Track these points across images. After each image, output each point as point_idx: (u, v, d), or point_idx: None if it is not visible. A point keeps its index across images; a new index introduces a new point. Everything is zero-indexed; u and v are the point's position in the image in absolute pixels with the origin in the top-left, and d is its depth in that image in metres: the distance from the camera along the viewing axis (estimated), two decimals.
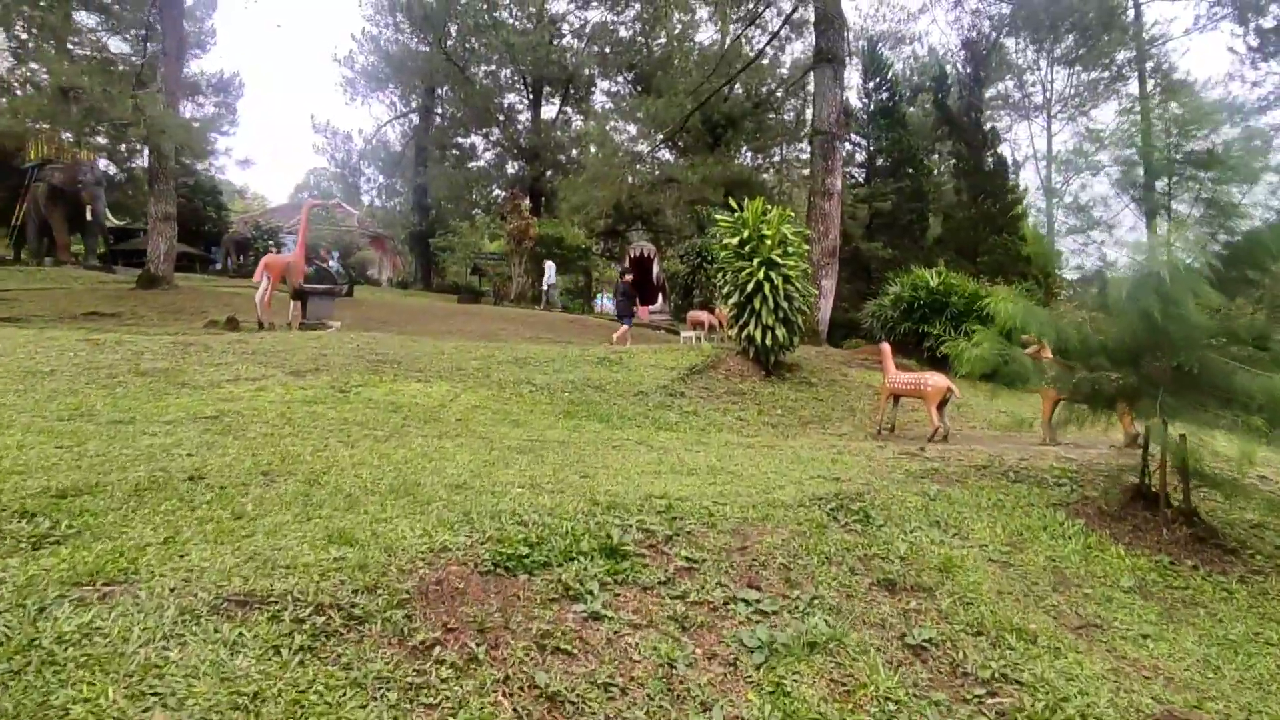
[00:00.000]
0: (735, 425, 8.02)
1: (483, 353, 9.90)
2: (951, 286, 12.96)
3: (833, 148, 15.05)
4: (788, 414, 9.29)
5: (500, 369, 8.95)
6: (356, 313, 16.88)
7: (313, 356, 8.22)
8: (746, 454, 5.99)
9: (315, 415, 5.93)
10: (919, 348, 13.16)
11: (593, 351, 10.91)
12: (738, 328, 10.52)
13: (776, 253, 10.33)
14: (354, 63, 39.69)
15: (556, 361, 9.84)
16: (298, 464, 4.33)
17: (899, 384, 8.37)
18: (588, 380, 8.93)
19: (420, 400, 7.01)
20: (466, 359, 9.27)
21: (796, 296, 10.34)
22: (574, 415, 7.34)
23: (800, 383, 10.59)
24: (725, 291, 10.66)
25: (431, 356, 9.09)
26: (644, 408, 7.99)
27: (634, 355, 10.73)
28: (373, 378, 7.65)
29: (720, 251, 10.91)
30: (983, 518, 4.70)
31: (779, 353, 10.50)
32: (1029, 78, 44.25)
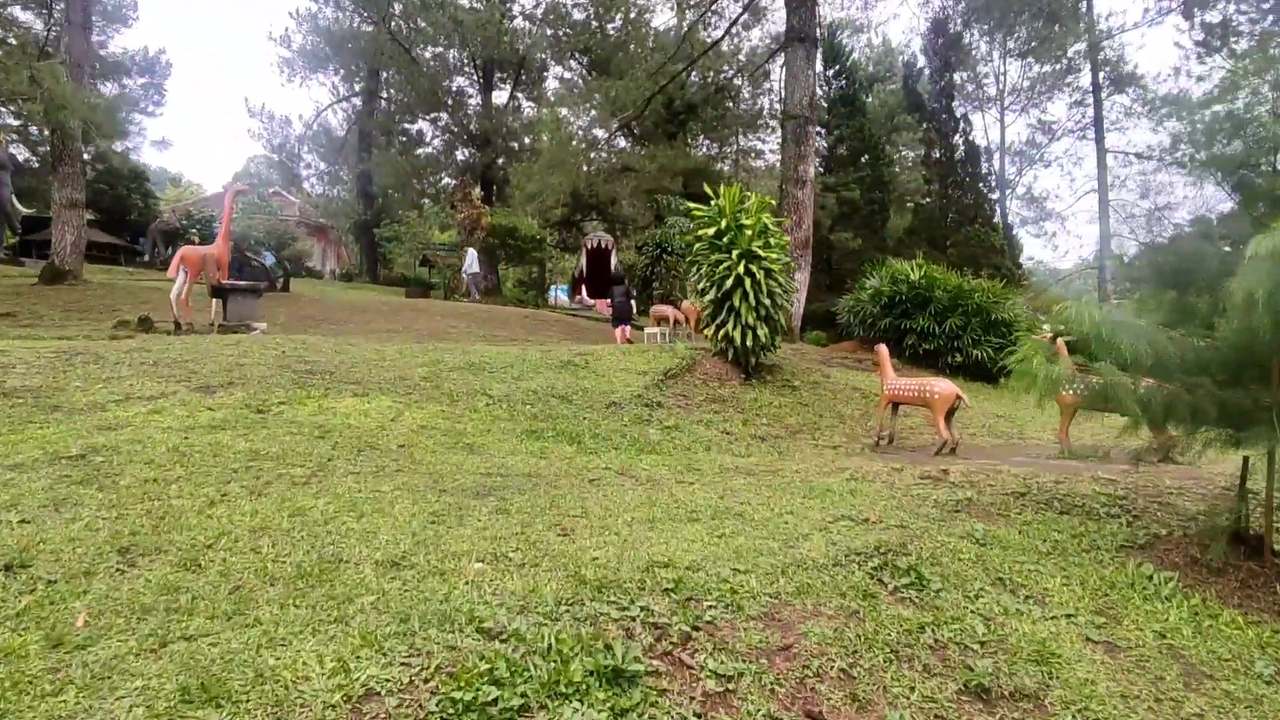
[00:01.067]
0: (722, 442, 7.08)
1: (431, 357, 8.76)
2: (934, 280, 12.27)
3: (805, 133, 14.22)
4: (774, 423, 8.40)
5: (451, 377, 7.83)
6: (290, 310, 15.44)
7: (227, 367, 6.98)
8: (748, 484, 5.05)
9: (218, 448, 4.76)
10: (900, 345, 12.43)
11: (555, 353, 9.85)
12: (714, 327, 9.59)
13: (757, 244, 9.42)
14: (291, 42, 37.47)
15: (515, 366, 8.76)
16: (175, 532, 3.22)
17: (900, 391, 7.54)
18: (552, 389, 7.88)
19: (355, 421, 5.87)
20: (412, 365, 8.12)
21: (779, 292, 9.46)
22: (539, 434, 6.29)
23: (783, 386, 9.72)
24: (701, 287, 9.72)
25: (371, 364, 7.92)
26: (619, 423, 6.99)
27: (601, 358, 9.71)
28: (299, 393, 6.46)
29: (694, 244, 9.94)
30: (1050, 569, 3.85)
31: (760, 354, 9.61)
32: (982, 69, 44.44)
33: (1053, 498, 5.08)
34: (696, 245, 9.94)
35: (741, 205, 9.77)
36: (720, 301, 9.45)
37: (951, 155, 22.66)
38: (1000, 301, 12.04)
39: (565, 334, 17.30)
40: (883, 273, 13.07)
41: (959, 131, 23.44)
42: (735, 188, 9.88)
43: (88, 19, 15.72)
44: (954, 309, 11.83)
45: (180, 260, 10.67)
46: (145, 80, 36.96)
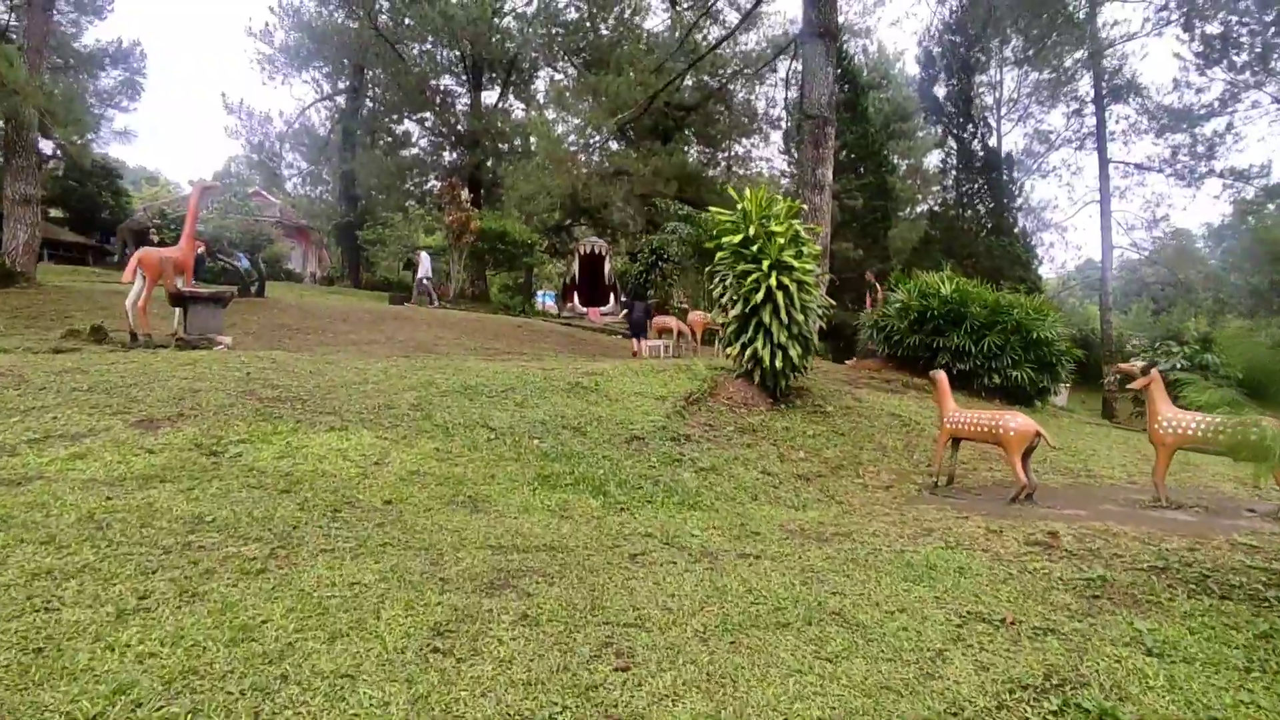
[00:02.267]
0: (766, 486, 6.04)
1: (420, 377, 7.67)
2: (968, 294, 11.35)
3: (825, 134, 13.27)
4: (812, 456, 7.38)
5: (445, 404, 6.75)
6: (264, 317, 14.25)
7: (178, 394, 5.86)
8: (827, 559, 4.02)
9: (149, 513, 3.67)
10: (931, 364, 11.45)
11: (560, 373, 8.79)
12: (739, 345, 8.57)
13: (789, 253, 8.43)
14: (273, 37, 36.13)
15: (517, 389, 7.69)
16: (48, 685, 2.13)
17: (964, 424, 6.54)
18: (562, 418, 6.82)
19: (330, 467, 4.78)
20: (399, 389, 7.03)
21: (813, 308, 8.47)
22: (554, 481, 5.23)
23: (814, 412, 8.72)
24: (724, 301, 8.68)
25: (351, 387, 6.81)
26: (645, 463, 5.93)
27: (612, 379, 8.65)
28: (262, 427, 5.36)
29: (718, 252, 8.92)
30: (1262, 696, 2.86)
31: (791, 376, 8.60)
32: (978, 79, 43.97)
33: (1200, 574, 4.10)
34: (719, 254, 8.92)
35: (768, 209, 8.77)
36: (746, 317, 8.44)
37: (969, 161, 21.79)
38: (1041, 318, 11.13)
39: (563, 346, 16.23)
40: (909, 286, 12.13)
41: (977, 137, 22.59)
42: (761, 190, 8.88)
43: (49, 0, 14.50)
44: (991, 326, 10.89)
45: (137, 263, 9.50)
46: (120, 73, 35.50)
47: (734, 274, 8.56)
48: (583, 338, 19.08)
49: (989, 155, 22.34)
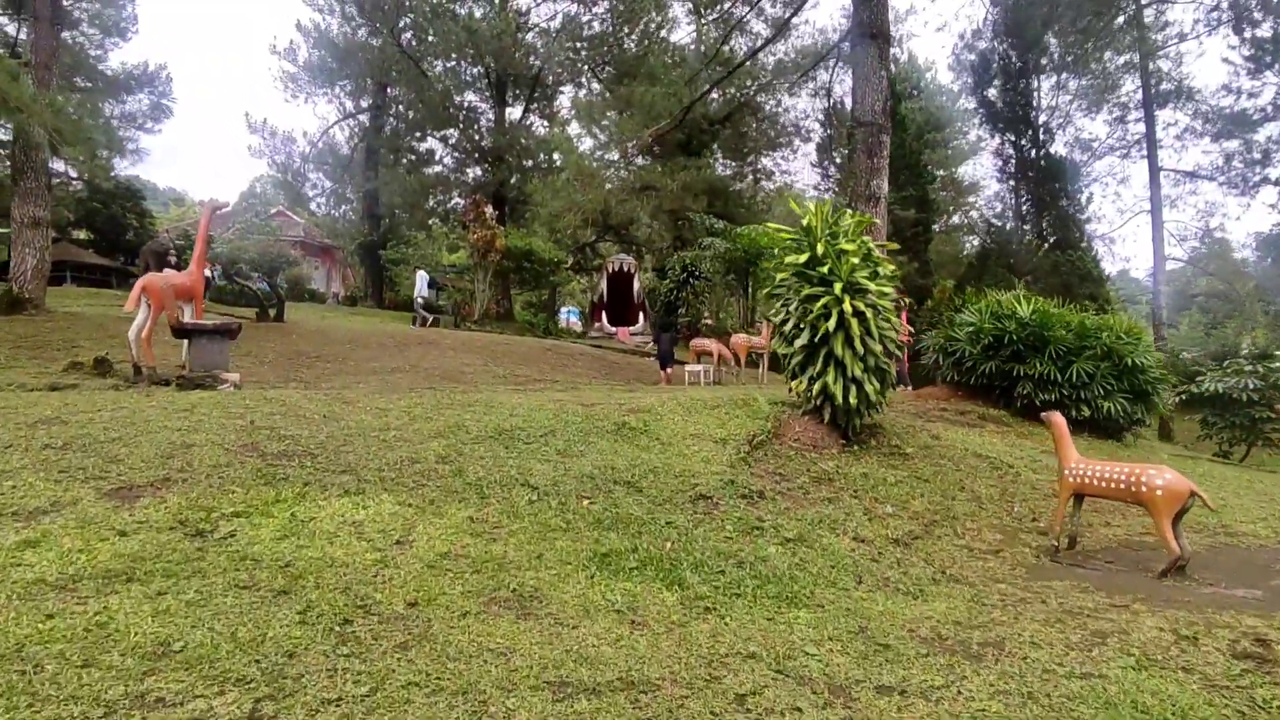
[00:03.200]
0: (865, 559, 5.01)
1: (448, 419, 6.77)
2: (1050, 316, 10.22)
3: (880, 142, 12.28)
4: (901, 510, 6.35)
5: (477, 454, 5.82)
6: (282, 344, 13.49)
7: (168, 450, 4.98)
8: (998, 698, 3.00)
9: (101, 639, 2.77)
10: (1009, 394, 10.37)
11: (601, 410, 7.84)
12: (805, 379, 7.56)
13: (862, 274, 7.44)
14: (296, 55, 35.97)
15: (557, 432, 6.75)
16: None
17: (1094, 479, 5.48)
18: (612, 470, 5.85)
19: (342, 551, 3.86)
20: (424, 435, 6.12)
21: (891, 336, 7.46)
22: (617, 564, 4.25)
23: (890, 453, 7.68)
24: (787, 329, 7.69)
25: (370, 435, 5.91)
26: (720, 534, 4.94)
27: (661, 417, 7.69)
28: (264, 493, 4.46)
29: (776, 273, 7.95)
30: None
31: (866, 414, 7.58)
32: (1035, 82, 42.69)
33: None
34: (780, 276, 7.95)
35: (834, 224, 7.79)
36: (814, 347, 7.44)
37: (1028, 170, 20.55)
38: (1134, 342, 9.98)
39: (596, 372, 15.32)
40: (980, 306, 11.03)
41: (1037, 144, 21.34)
42: (826, 204, 7.91)
43: (58, 14, 13.99)
44: (1079, 352, 9.75)
45: (141, 291, 8.73)
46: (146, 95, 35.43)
47: (799, 298, 7.57)
48: (615, 360, 18.16)
49: (1050, 162, 21.05)
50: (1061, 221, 19.14)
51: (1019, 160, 21.03)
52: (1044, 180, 20.24)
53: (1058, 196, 20.06)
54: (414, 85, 33.30)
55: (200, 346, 8.12)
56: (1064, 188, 20.30)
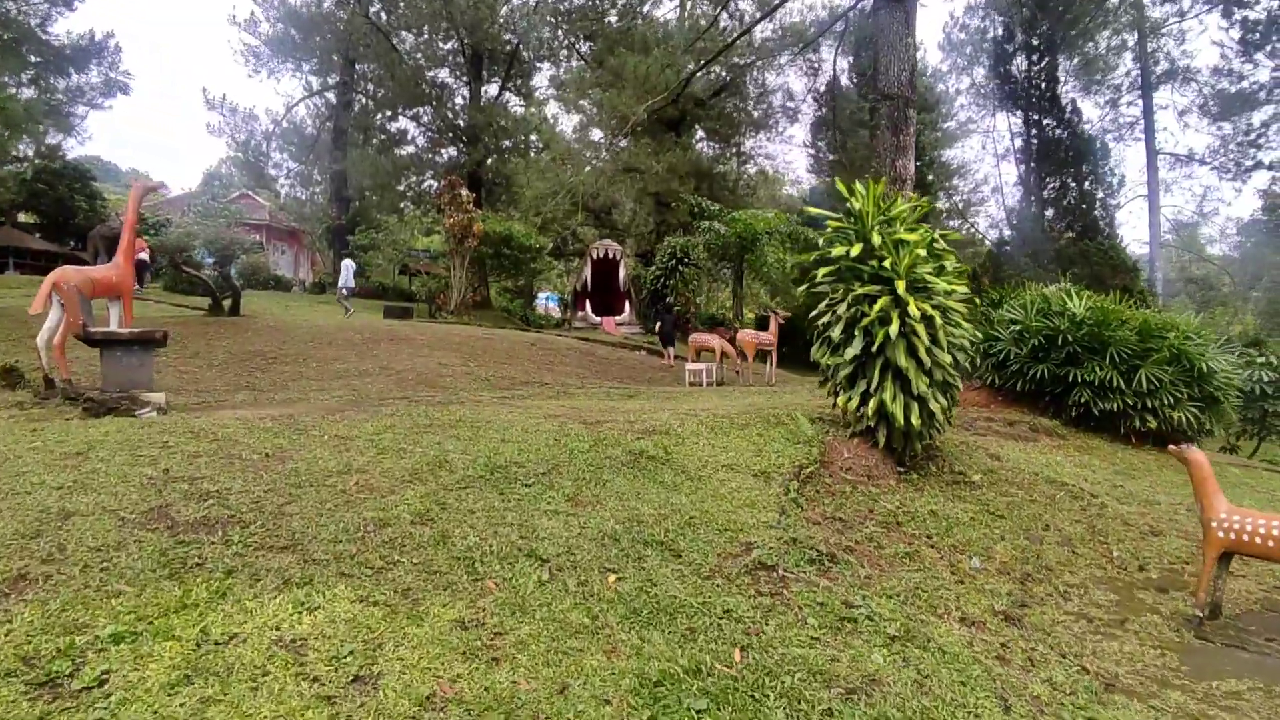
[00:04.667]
0: (987, 655, 3.79)
1: (426, 452, 5.44)
2: (1109, 314, 9.06)
3: (905, 117, 11.06)
4: (985, 560, 5.17)
5: (464, 505, 4.51)
6: (235, 344, 11.99)
7: (35, 523, 3.61)
8: None
9: None
10: (1059, 401, 9.23)
11: (609, 428, 6.55)
12: (857, 395, 6.32)
13: (925, 269, 6.21)
14: (257, 28, 33.82)
15: (562, 465, 5.46)
16: None
17: (1260, 537, 4.31)
18: (639, 523, 4.57)
19: (269, 709, 2.54)
20: (397, 480, 4.79)
21: (965, 345, 6.25)
22: (671, 696, 2.97)
23: (954, 482, 6.49)
24: (835, 335, 6.42)
25: (324, 485, 4.56)
26: (801, 629, 3.67)
27: (683, 441, 6.42)
28: (163, 595, 3.12)
29: (819, 267, 6.68)
30: None
31: (930, 436, 6.38)
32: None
33: None
34: (821, 271, 6.68)
35: (888, 209, 6.54)
36: (868, 358, 6.20)
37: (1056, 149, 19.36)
38: (1203, 343, 8.88)
39: (587, 370, 13.99)
40: (1024, 301, 9.86)
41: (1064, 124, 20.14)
42: (880, 183, 6.64)
43: None
44: (1145, 355, 8.62)
45: (51, 287, 7.22)
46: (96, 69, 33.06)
47: (848, 298, 6.31)
48: (604, 356, 16.82)
49: (1077, 144, 19.85)
50: (1088, 206, 18.03)
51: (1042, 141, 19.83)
52: (1069, 162, 19.12)
53: (1084, 179, 18.96)
54: (384, 60, 31.43)
55: (114, 361, 6.62)
56: (1093, 169, 19.19)
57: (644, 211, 32.73)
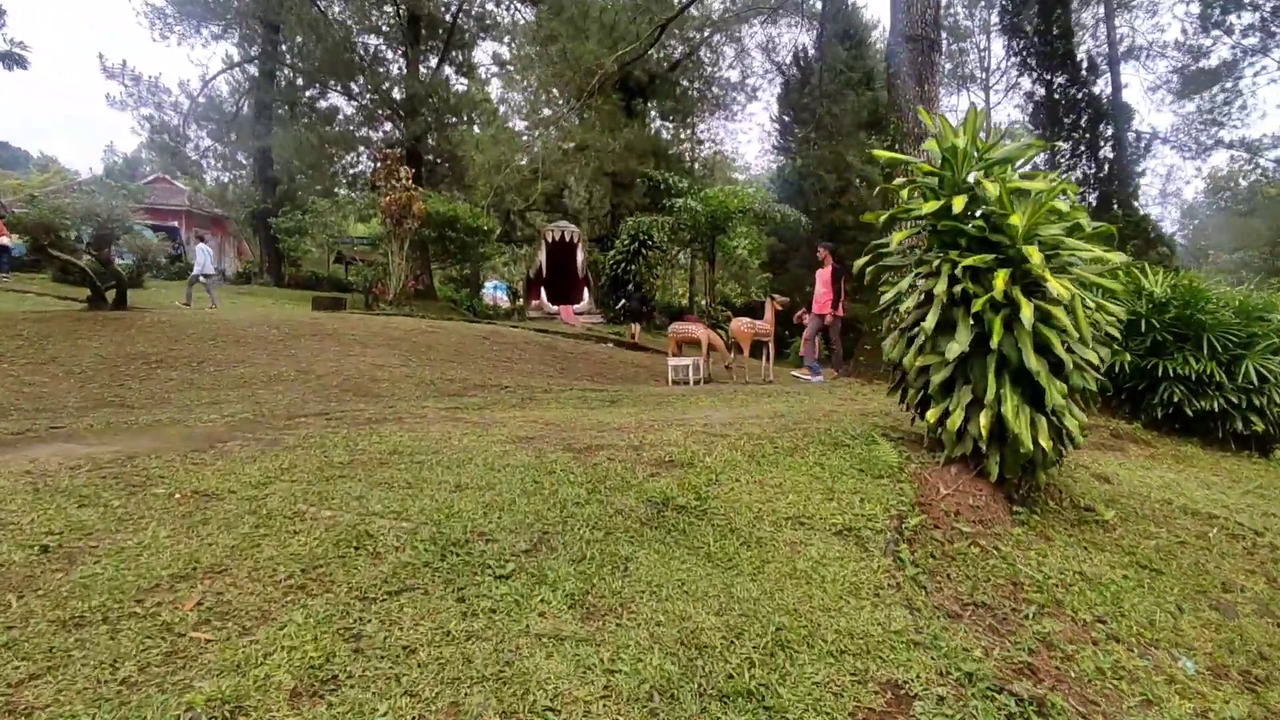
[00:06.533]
0: None
1: (336, 523, 3.47)
2: (1200, 295, 7.49)
3: (931, 63, 9.34)
4: (1186, 654, 3.45)
5: (393, 634, 2.55)
6: (110, 345, 9.61)
7: None
8: None
9: None
10: (1138, 400, 7.65)
11: (607, 456, 4.64)
12: (958, 408, 4.51)
13: (1055, 230, 4.45)
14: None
15: (552, 530, 3.56)
16: None
17: None
18: (697, 652, 2.71)
19: None
20: (273, 592, 2.78)
21: (1115, 331, 4.52)
22: None
23: (1081, 522, 4.79)
24: (926, 324, 4.58)
25: (134, 614, 2.52)
26: None
27: (717, 476, 4.54)
28: None
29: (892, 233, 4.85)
30: None
31: (1057, 462, 4.65)
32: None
33: None
34: (896, 237, 4.86)
35: (990, 151, 4.74)
36: (976, 355, 4.40)
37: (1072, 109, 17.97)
38: None
39: (552, 368, 11.99)
40: None
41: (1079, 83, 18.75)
42: (980, 112, 4.84)
43: None
44: (1249, 343, 7.11)
45: None
46: None
47: (949, 272, 4.48)
48: (568, 351, 14.79)
49: (1096, 106, 18.46)
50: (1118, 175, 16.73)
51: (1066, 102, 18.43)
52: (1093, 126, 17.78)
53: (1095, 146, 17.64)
54: (308, 25, 28.44)
55: None
56: (1118, 134, 17.89)
57: (600, 193, 30.64)
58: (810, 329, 11.81)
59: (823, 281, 11.75)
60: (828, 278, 11.69)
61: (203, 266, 17.19)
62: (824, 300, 11.66)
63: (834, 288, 11.61)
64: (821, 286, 11.77)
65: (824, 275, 11.73)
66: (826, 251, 11.74)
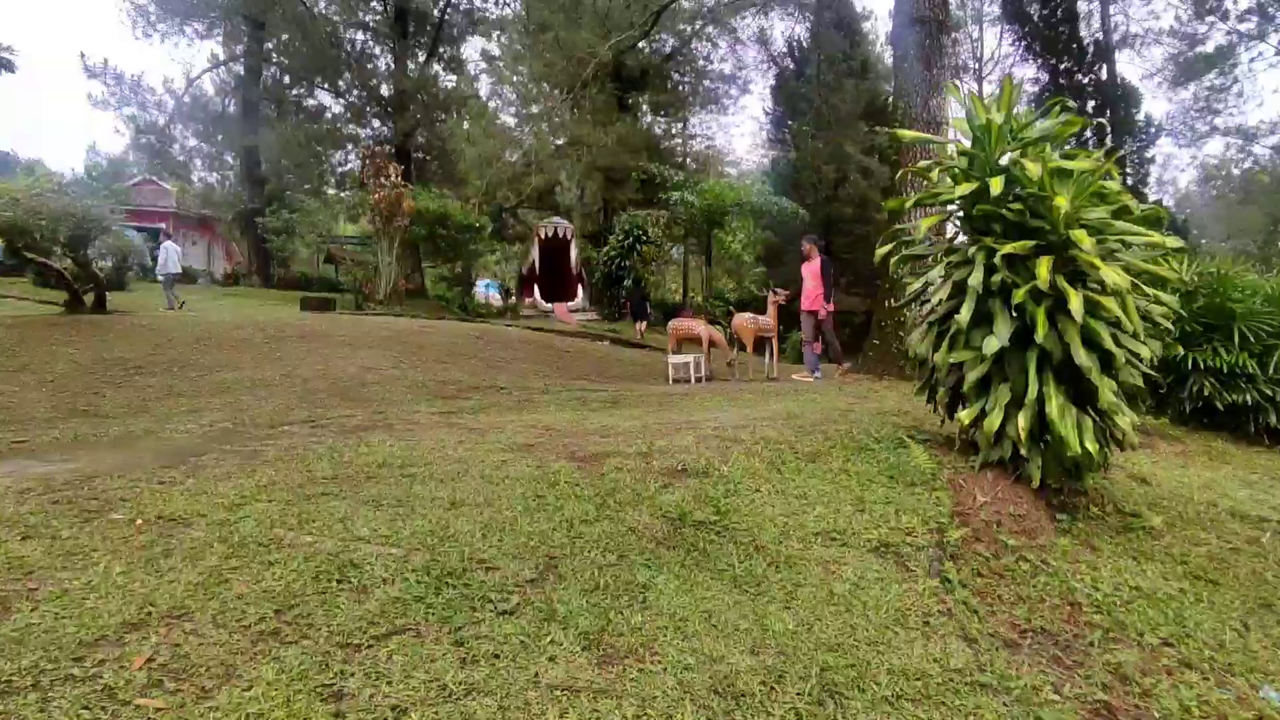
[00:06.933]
0: None
1: (315, 552, 3.12)
2: (1230, 282, 7.14)
3: (939, 46, 8.98)
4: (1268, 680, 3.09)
5: (380, 692, 2.16)
6: (85, 352, 9.20)
7: None
8: None
9: None
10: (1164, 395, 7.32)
11: (614, 465, 4.28)
12: (996, 408, 4.15)
13: (1100, 214, 4.11)
14: None
15: (562, 555, 3.18)
16: None
17: None
18: (734, 700, 2.31)
19: None
20: (239, 640, 2.41)
21: (1166, 325, 4.18)
22: None
23: (1127, 529, 4.45)
24: (961, 318, 4.20)
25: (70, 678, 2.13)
26: None
27: (736, 487, 4.18)
28: None
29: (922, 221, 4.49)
30: None
31: (1105, 466, 4.31)
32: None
33: None
34: (924, 224, 4.50)
35: (1024, 129, 4.39)
36: (1015, 351, 4.05)
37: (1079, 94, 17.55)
38: None
39: (549, 368, 11.60)
40: None
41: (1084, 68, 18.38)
42: (1015, 84, 4.48)
43: None
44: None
45: None
46: None
47: (979, 262, 4.12)
48: (565, 349, 14.40)
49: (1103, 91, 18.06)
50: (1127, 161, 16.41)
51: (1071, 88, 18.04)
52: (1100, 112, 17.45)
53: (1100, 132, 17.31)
54: (294, 20, 27.90)
55: None
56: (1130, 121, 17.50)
57: (593, 189, 30.22)
58: (807, 329, 11.25)
59: (812, 276, 11.15)
60: (816, 271, 11.10)
61: (164, 266, 16.43)
62: (815, 296, 11.11)
63: (823, 281, 11.05)
64: (811, 281, 11.19)
65: (813, 269, 11.13)
66: (812, 245, 11.22)
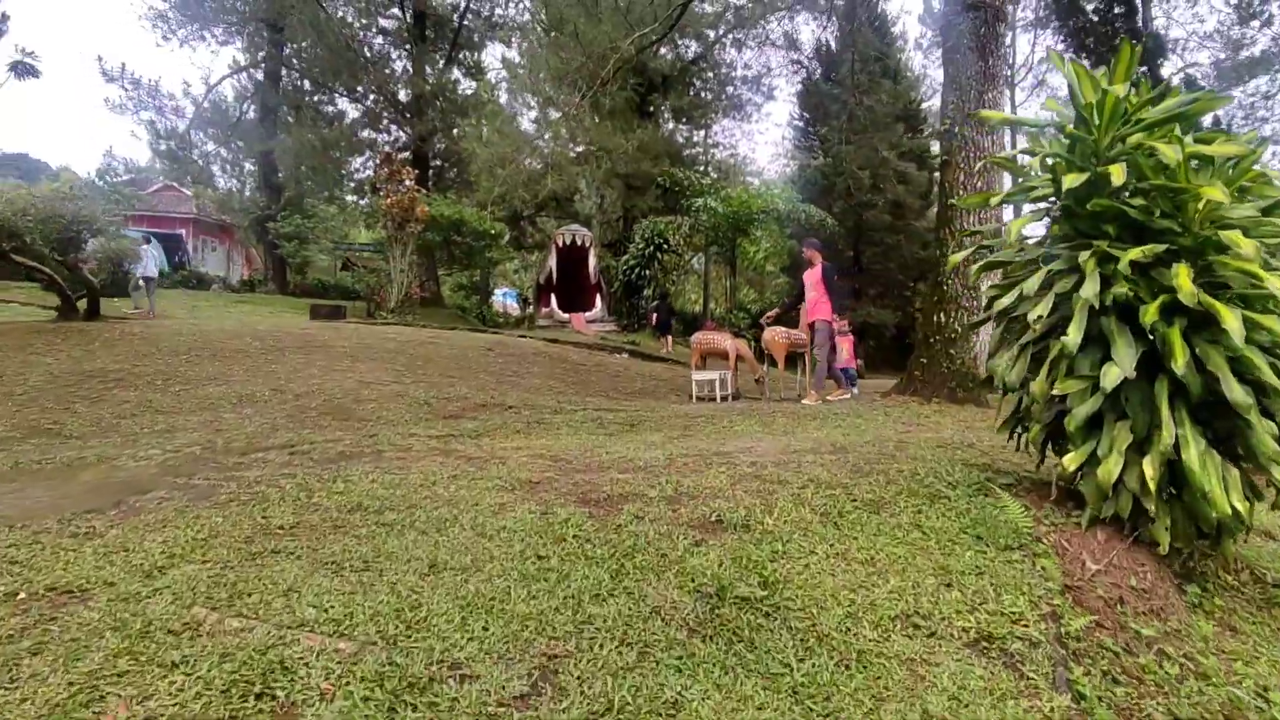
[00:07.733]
0: None
1: (242, 647, 2.34)
2: None
3: (995, 34, 8.15)
4: None
5: None
6: (64, 361, 8.59)
7: None
8: None
9: None
10: None
11: (630, 504, 3.50)
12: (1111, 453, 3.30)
13: (1245, 210, 3.28)
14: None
15: (568, 650, 2.38)
16: None
17: None
18: None
19: None
20: None
21: None
22: None
23: (1271, 603, 3.58)
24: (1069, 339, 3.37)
25: None
26: None
27: (784, 547, 3.39)
28: None
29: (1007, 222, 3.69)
30: None
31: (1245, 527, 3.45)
32: None
33: None
34: (1015, 225, 3.71)
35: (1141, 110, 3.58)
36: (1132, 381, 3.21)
37: None
38: None
39: (563, 384, 10.85)
40: None
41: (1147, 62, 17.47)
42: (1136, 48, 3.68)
43: None
44: None
45: None
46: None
47: (1090, 270, 3.30)
48: (581, 362, 13.66)
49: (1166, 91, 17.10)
50: None
51: None
52: None
53: None
54: (312, 24, 27.55)
55: None
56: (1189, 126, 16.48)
57: (612, 196, 29.54)
58: (821, 344, 10.12)
59: (813, 285, 10.09)
60: (818, 279, 10.04)
61: (145, 269, 15.66)
62: (823, 306, 10.05)
63: (828, 290, 9.97)
64: (814, 291, 10.13)
65: (814, 278, 10.02)
66: (814, 250, 10.14)
